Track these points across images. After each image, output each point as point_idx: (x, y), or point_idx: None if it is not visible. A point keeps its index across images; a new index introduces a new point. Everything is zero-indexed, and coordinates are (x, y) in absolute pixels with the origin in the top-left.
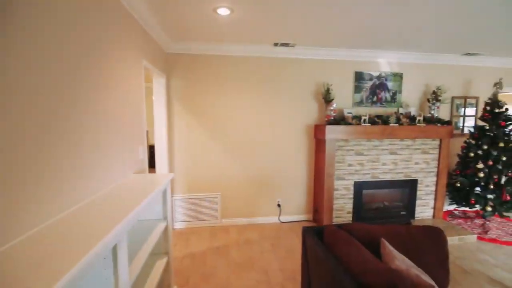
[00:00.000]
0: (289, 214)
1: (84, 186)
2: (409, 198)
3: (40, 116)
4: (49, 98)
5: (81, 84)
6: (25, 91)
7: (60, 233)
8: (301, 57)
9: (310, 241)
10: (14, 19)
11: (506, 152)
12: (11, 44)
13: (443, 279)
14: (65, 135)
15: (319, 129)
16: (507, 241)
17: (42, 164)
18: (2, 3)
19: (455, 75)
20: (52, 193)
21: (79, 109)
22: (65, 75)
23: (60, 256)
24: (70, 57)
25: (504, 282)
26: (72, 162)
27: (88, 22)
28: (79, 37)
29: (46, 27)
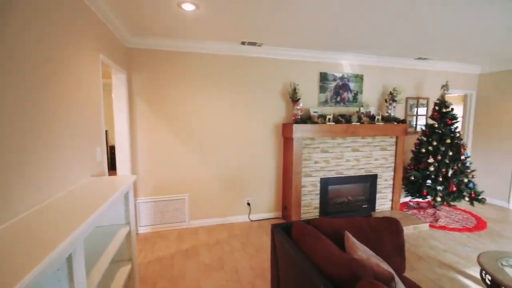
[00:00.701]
0: (259, 212)
1: (33, 193)
2: (370, 192)
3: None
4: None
5: (28, 80)
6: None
7: (4, 245)
8: (268, 56)
9: (278, 238)
10: None
11: (452, 148)
12: None
13: (400, 265)
14: (7, 141)
15: (287, 128)
16: (454, 228)
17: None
18: None
19: (409, 78)
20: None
21: (23, 108)
22: (3, 69)
23: (5, 271)
24: (14, 46)
25: (452, 265)
26: (17, 168)
27: (36, 9)
28: (23, 25)
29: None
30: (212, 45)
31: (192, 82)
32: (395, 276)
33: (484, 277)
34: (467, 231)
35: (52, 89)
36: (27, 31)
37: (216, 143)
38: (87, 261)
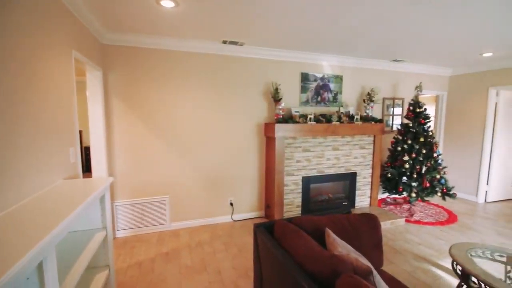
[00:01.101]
0: (242, 212)
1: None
2: (350, 189)
3: None
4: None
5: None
6: None
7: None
8: (250, 56)
9: (261, 237)
10: None
11: (425, 146)
12: None
13: (378, 259)
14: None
15: (269, 127)
16: (428, 222)
17: None
18: None
19: (385, 79)
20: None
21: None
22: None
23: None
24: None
25: (426, 257)
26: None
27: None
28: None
29: None
30: (193, 44)
31: (172, 81)
32: (373, 270)
33: (455, 268)
34: (439, 224)
35: (20, 86)
36: (4, 37)
37: (198, 143)
38: (60, 269)
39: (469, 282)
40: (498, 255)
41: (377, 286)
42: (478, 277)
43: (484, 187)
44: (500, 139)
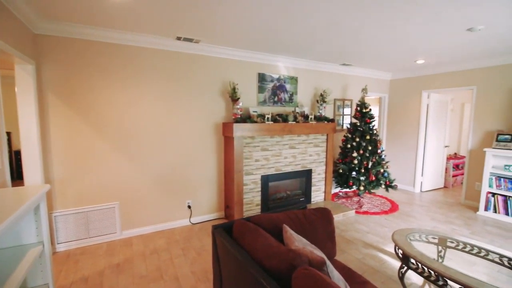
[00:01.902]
0: (201, 214)
1: None
2: (306, 185)
3: None
4: None
5: None
6: None
7: None
8: (207, 54)
9: (219, 238)
10: None
11: (371, 143)
12: None
13: (332, 250)
14: None
15: (227, 127)
16: (374, 212)
17: None
18: None
19: (336, 81)
20: None
21: None
22: None
23: None
24: None
25: (373, 244)
26: None
27: None
28: None
29: None
30: (146, 39)
31: (121, 77)
32: (327, 261)
33: (397, 252)
34: (384, 213)
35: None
36: None
37: (152, 144)
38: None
39: (408, 263)
40: (432, 238)
41: (330, 275)
42: (416, 258)
43: (419, 178)
44: (431, 135)
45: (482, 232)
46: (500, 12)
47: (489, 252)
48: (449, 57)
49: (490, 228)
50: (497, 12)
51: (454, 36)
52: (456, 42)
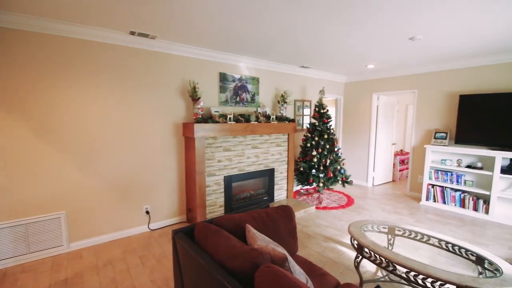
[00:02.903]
0: (161, 219)
1: None
2: (269, 184)
3: None
4: None
5: None
6: None
7: None
8: (165, 51)
9: (180, 243)
10: None
11: (329, 142)
12: None
13: (293, 246)
14: None
15: (188, 127)
16: (333, 207)
17: None
18: None
19: (296, 83)
20: None
21: None
22: None
23: None
24: None
25: (332, 237)
26: None
27: None
28: None
29: None
30: (95, 31)
31: (67, 73)
32: (288, 257)
33: (353, 243)
34: (341, 208)
35: None
36: None
37: (104, 146)
38: None
39: (363, 252)
40: (382, 227)
41: (292, 270)
42: (369, 247)
43: (371, 174)
44: (380, 134)
45: (424, 219)
46: (435, 24)
47: (430, 237)
48: (395, 63)
49: (430, 216)
50: (432, 24)
51: (398, 44)
52: (400, 49)
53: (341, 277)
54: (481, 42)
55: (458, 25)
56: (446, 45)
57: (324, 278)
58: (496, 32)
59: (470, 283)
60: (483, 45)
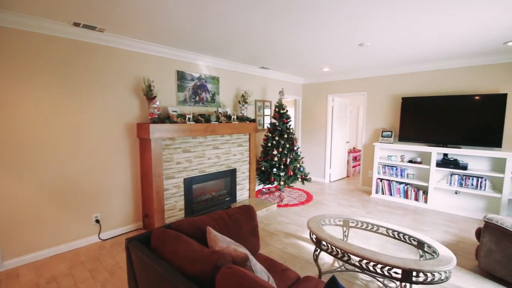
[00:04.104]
0: (114, 228)
1: None
2: (231, 185)
3: None
4: None
5: None
6: None
7: None
8: (116, 46)
9: (135, 251)
10: None
11: (289, 141)
12: None
13: (255, 245)
14: None
15: (143, 128)
16: (293, 204)
17: None
18: None
19: (256, 83)
20: None
21: None
22: None
23: None
24: None
25: (293, 233)
26: None
27: None
28: None
29: None
30: (32, 21)
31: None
32: (250, 256)
33: (312, 237)
34: (301, 204)
35: None
36: None
37: (46, 150)
38: None
39: (321, 245)
40: (338, 221)
41: (254, 269)
42: (326, 240)
43: (328, 171)
44: (336, 133)
45: (375, 211)
46: (381, 33)
47: (379, 227)
48: (347, 67)
49: (380, 207)
50: (378, 33)
51: (349, 49)
52: (351, 54)
53: (302, 271)
54: (420, 50)
55: (400, 34)
56: (391, 52)
57: (285, 274)
58: (432, 42)
59: (412, 265)
60: (422, 52)
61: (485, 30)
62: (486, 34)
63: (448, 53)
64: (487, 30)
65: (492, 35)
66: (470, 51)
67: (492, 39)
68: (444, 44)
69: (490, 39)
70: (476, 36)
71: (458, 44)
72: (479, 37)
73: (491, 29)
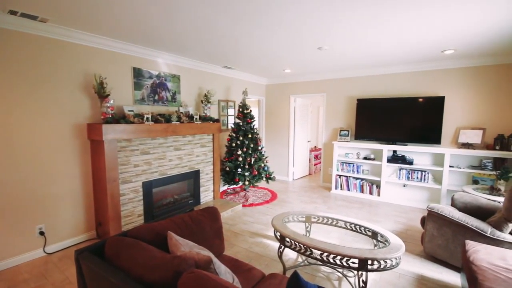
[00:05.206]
0: (63, 239)
1: None
2: (194, 187)
3: None
4: None
5: None
6: None
7: None
8: (62, 38)
9: (86, 263)
10: None
11: (253, 141)
12: None
13: (220, 246)
14: None
15: (94, 129)
16: (258, 203)
17: None
18: None
19: (219, 83)
20: None
21: None
22: None
23: None
24: None
25: (258, 232)
26: None
27: None
28: None
29: None
30: None
31: None
32: (213, 258)
33: (276, 234)
34: (266, 203)
35: None
36: None
37: None
38: None
39: (284, 242)
40: (301, 217)
41: (218, 271)
42: (289, 236)
43: (291, 169)
44: (298, 132)
45: (334, 206)
46: (337, 38)
47: (338, 221)
48: (308, 69)
49: (339, 202)
50: (335, 37)
51: (309, 52)
52: (311, 57)
53: (267, 269)
54: (373, 55)
55: (355, 40)
56: (347, 56)
57: (250, 273)
58: (384, 49)
59: (367, 255)
60: (375, 58)
61: (427, 40)
62: (428, 43)
63: (398, 59)
64: (429, 39)
65: (433, 45)
66: (415, 58)
67: (433, 48)
68: (394, 51)
69: (431, 48)
70: (420, 45)
71: (406, 51)
72: (422, 46)
73: (431, 39)
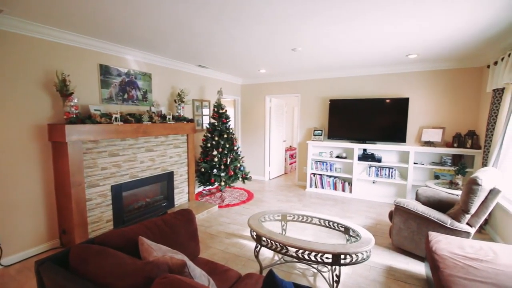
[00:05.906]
0: (21, 250)
1: None
2: (168, 189)
3: None
4: None
5: None
6: None
7: None
8: (18, 31)
9: (48, 275)
10: None
11: (228, 141)
12: None
13: (195, 249)
14: None
15: (56, 130)
16: (235, 204)
17: None
18: None
19: (193, 82)
20: None
21: None
22: None
23: None
24: None
25: (235, 233)
26: None
27: None
28: None
29: None
30: None
31: None
32: (188, 262)
33: (253, 234)
34: (243, 203)
35: None
36: None
37: None
38: None
39: (261, 242)
40: (277, 216)
41: (192, 274)
42: (265, 235)
43: (268, 169)
44: (274, 132)
45: (309, 203)
46: (310, 40)
47: (313, 218)
48: (282, 69)
49: (314, 199)
50: (307, 39)
51: (283, 53)
52: (285, 58)
53: (244, 269)
54: (345, 58)
55: (325, 43)
56: (320, 58)
57: (226, 274)
58: (355, 52)
59: (340, 249)
60: (347, 60)
61: (393, 45)
62: (394, 47)
63: (367, 62)
64: (394, 44)
65: (398, 49)
66: (383, 61)
67: (399, 52)
68: (364, 54)
69: (397, 52)
70: (386, 49)
71: (375, 54)
72: (389, 49)
73: (397, 45)
